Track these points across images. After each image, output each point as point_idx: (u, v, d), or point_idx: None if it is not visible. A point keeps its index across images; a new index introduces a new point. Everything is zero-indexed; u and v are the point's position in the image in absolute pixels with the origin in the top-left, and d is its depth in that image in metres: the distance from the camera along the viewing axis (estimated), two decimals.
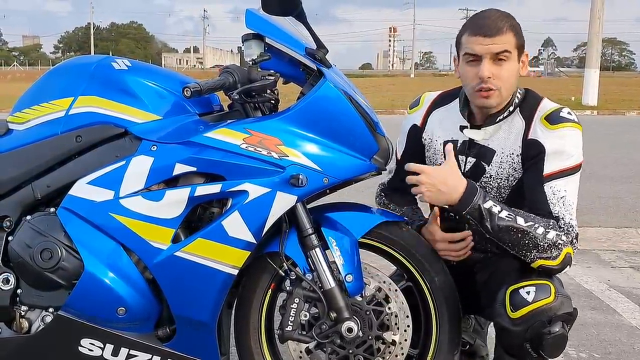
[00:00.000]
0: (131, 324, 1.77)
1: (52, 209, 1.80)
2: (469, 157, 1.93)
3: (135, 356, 1.78)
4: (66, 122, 1.79)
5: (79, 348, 1.78)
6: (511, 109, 1.88)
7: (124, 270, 1.73)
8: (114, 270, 1.73)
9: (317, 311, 1.81)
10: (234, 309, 1.91)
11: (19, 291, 1.80)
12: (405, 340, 1.83)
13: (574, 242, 1.78)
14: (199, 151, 1.71)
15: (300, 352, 1.85)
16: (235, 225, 1.69)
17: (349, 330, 1.75)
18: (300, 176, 1.66)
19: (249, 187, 1.68)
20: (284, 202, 1.69)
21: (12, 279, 1.79)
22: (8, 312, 1.80)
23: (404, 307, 1.82)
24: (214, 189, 1.70)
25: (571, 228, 1.77)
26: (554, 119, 1.82)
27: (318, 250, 1.78)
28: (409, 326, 1.82)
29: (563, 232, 1.75)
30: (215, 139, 1.72)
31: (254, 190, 1.68)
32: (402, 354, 1.83)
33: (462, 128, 1.94)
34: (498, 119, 1.89)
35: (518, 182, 1.88)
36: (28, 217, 1.80)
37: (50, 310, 1.79)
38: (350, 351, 1.81)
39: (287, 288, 1.80)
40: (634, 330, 2.80)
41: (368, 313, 1.80)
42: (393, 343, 1.82)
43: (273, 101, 1.85)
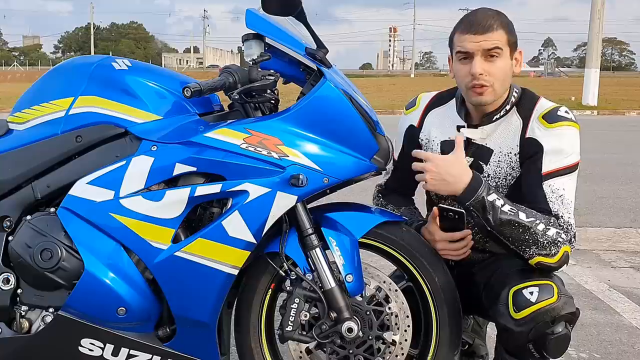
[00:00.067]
0: (131, 324, 1.77)
1: (52, 209, 1.80)
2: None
3: (136, 356, 1.78)
4: (66, 122, 1.79)
5: (79, 348, 1.78)
6: (508, 107, 1.89)
7: (124, 270, 1.73)
8: (114, 270, 1.73)
9: (317, 311, 1.81)
10: (234, 309, 1.91)
11: (19, 291, 1.80)
12: (406, 340, 1.83)
13: (572, 240, 1.78)
14: (199, 151, 1.71)
15: (301, 352, 1.85)
16: (235, 225, 1.69)
17: (349, 330, 1.75)
18: (301, 176, 1.66)
19: (249, 187, 1.69)
20: (284, 202, 1.69)
21: (12, 279, 1.79)
22: (8, 312, 1.80)
23: (404, 307, 1.82)
24: (214, 189, 1.70)
25: (570, 226, 1.78)
26: (551, 117, 1.83)
27: (318, 250, 1.78)
28: (409, 326, 1.82)
29: (562, 230, 1.75)
30: (216, 139, 1.72)
31: (254, 190, 1.68)
32: (402, 354, 1.83)
33: (459, 128, 1.94)
34: (495, 117, 1.89)
35: (516, 181, 1.88)
36: (28, 217, 1.80)
37: (51, 310, 1.79)
38: (351, 351, 1.81)
39: (287, 288, 1.79)
40: (635, 330, 2.80)
41: (368, 313, 1.80)
42: (393, 343, 1.82)
43: (273, 101, 1.85)
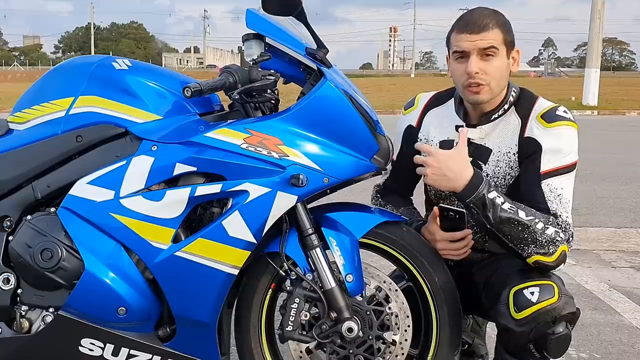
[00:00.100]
0: (131, 324, 1.77)
1: (52, 209, 1.80)
2: None
3: (136, 356, 1.78)
4: (66, 122, 1.79)
5: (79, 348, 1.78)
6: (506, 107, 1.89)
7: (124, 270, 1.73)
8: (115, 270, 1.73)
9: (317, 311, 1.81)
10: (234, 308, 1.91)
11: (19, 291, 1.80)
12: (406, 340, 1.83)
13: (570, 240, 1.79)
14: (200, 151, 1.71)
15: (301, 352, 1.85)
16: (235, 225, 1.69)
17: (349, 330, 1.75)
18: (301, 176, 1.66)
19: (249, 187, 1.68)
20: (284, 202, 1.69)
21: (12, 279, 1.79)
22: (8, 312, 1.80)
23: (404, 307, 1.82)
24: (215, 189, 1.70)
25: (568, 226, 1.78)
26: (550, 117, 1.83)
27: (318, 250, 1.78)
28: (409, 326, 1.82)
29: (561, 229, 1.76)
30: (216, 138, 1.72)
31: (254, 190, 1.68)
32: (402, 354, 1.83)
33: (458, 127, 1.94)
34: (493, 117, 1.89)
35: (515, 181, 1.88)
36: (28, 217, 1.80)
37: (51, 310, 1.79)
38: (351, 351, 1.81)
39: (288, 288, 1.79)
40: (635, 330, 2.80)
41: (368, 313, 1.80)
42: (393, 343, 1.82)
43: (273, 101, 1.85)
